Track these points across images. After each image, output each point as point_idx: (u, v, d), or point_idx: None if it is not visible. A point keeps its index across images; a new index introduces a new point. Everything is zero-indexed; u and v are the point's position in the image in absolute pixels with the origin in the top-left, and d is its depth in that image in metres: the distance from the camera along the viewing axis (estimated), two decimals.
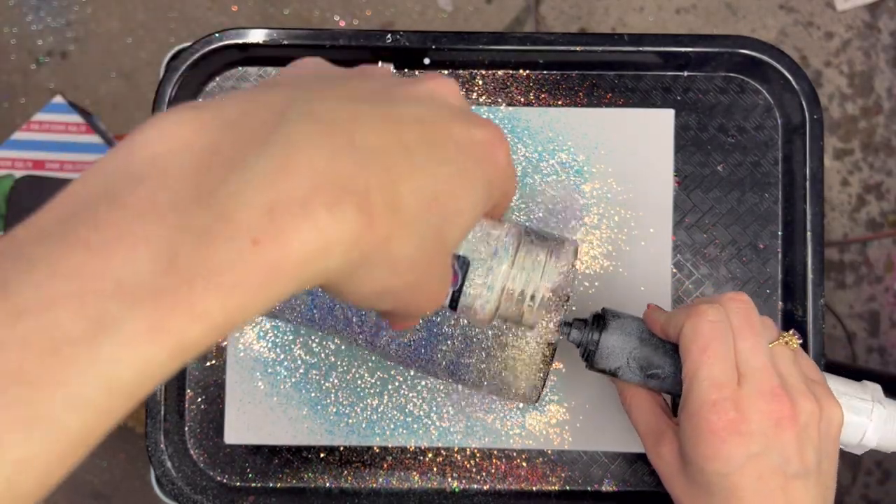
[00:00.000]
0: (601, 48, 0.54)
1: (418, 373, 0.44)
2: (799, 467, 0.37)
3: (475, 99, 0.55)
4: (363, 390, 0.53)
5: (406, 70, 0.55)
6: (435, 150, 0.25)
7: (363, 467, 0.53)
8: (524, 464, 0.53)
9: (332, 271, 0.22)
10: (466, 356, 0.43)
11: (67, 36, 1.26)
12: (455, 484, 0.53)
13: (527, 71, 0.55)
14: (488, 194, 0.27)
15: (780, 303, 0.54)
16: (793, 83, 0.53)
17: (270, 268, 0.20)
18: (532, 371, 0.43)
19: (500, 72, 0.55)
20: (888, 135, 1.24)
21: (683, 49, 0.54)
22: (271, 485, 0.53)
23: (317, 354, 0.54)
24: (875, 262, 1.23)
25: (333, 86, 0.25)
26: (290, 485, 0.53)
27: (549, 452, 0.53)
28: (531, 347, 0.42)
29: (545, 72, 0.55)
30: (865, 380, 0.44)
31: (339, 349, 0.54)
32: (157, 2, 1.26)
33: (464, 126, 0.26)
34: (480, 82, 0.56)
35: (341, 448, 0.53)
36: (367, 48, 0.54)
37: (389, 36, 0.53)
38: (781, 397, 0.38)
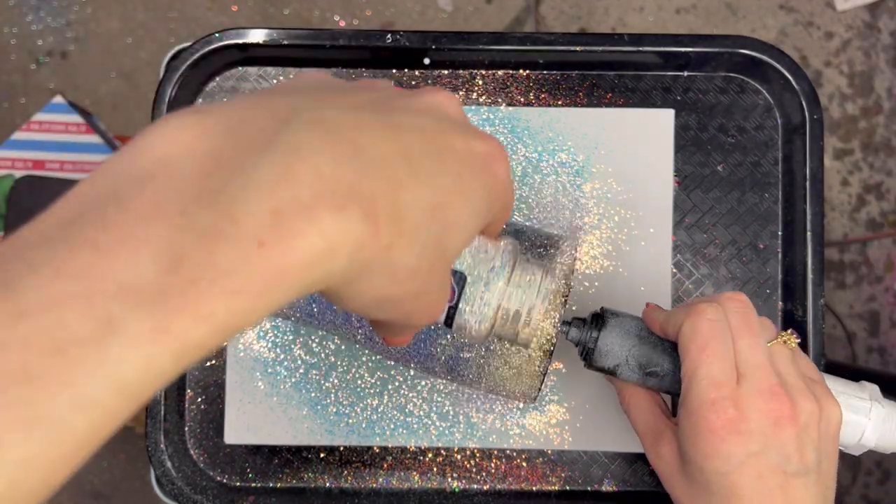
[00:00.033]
0: (601, 48, 0.54)
1: (417, 371, 0.44)
2: (799, 466, 0.37)
3: (475, 99, 0.55)
4: (363, 390, 0.53)
5: (406, 70, 0.55)
6: (436, 161, 0.25)
7: (363, 467, 0.53)
8: (524, 464, 0.53)
9: (335, 276, 0.22)
10: (466, 350, 0.43)
11: (67, 36, 1.26)
12: (455, 484, 0.53)
13: (527, 71, 0.55)
14: (488, 206, 0.27)
15: (780, 303, 0.54)
16: (793, 83, 0.54)
17: (275, 271, 0.20)
18: (531, 370, 0.43)
19: (500, 72, 0.55)
20: (888, 135, 1.24)
21: (683, 49, 0.54)
22: (271, 485, 0.53)
23: (317, 354, 0.54)
24: (875, 262, 1.23)
25: (335, 94, 0.25)
26: (290, 485, 0.53)
27: (549, 452, 0.53)
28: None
29: (545, 72, 0.55)
30: (865, 380, 0.44)
31: (339, 349, 0.54)
32: (157, 2, 1.26)
33: (464, 138, 0.27)
34: (480, 82, 0.56)
35: (341, 448, 0.53)
36: (367, 48, 0.54)
37: (389, 36, 0.53)
38: (781, 396, 0.38)
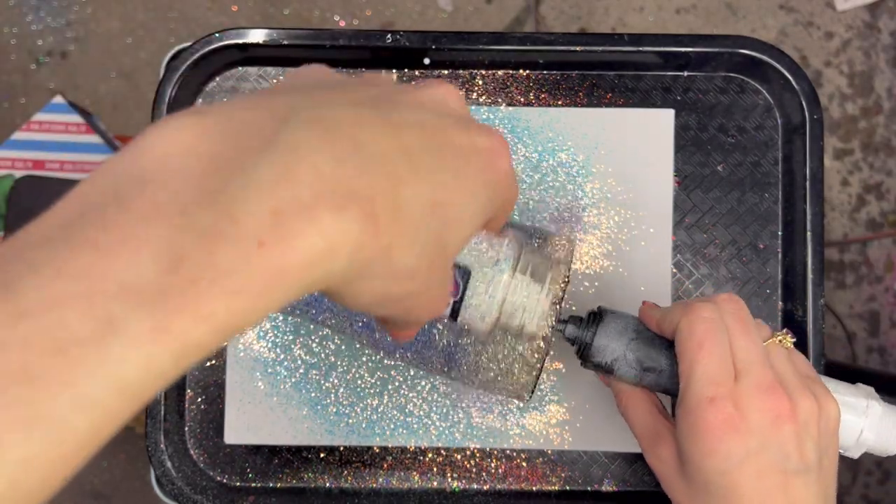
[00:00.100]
0: (601, 48, 0.54)
1: (414, 364, 0.44)
2: (799, 464, 0.37)
3: (475, 99, 0.55)
4: (363, 390, 0.53)
5: (406, 70, 0.55)
6: (436, 156, 0.25)
7: (363, 467, 0.53)
8: (524, 464, 0.53)
9: (335, 276, 0.22)
10: (465, 336, 0.43)
11: (67, 36, 1.26)
12: (455, 484, 0.53)
13: (527, 71, 0.55)
14: (490, 202, 0.27)
15: (780, 303, 0.54)
16: (793, 83, 0.53)
17: (276, 270, 0.20)
18: (527, 365, 0.43)
19: (500, 72, 0.55)
20: (888, 135, 1.24)
21: (683, 49, 0.54)
22: (271, 485, 0.53)
23: (317, 354, 0.54)
24: (875, 262, 1.23)
25: (335, 91, 0.25)
26: (290, 485, 0.53)
27: (549, 452, 0.53)
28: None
29: (545, 72, 0.55)
30: (866, 380, 0.44)
31: (340, 349, 0.54)
32: (157, 2, 1.26)
33: (466, 133, 0.26)
34: (480, 82, 0.56)
35: (341, 448, 0.53)
36: (367, 48, 0.54)
37: (389, 36, 0.53)
38: (779, 393, 0.37)
